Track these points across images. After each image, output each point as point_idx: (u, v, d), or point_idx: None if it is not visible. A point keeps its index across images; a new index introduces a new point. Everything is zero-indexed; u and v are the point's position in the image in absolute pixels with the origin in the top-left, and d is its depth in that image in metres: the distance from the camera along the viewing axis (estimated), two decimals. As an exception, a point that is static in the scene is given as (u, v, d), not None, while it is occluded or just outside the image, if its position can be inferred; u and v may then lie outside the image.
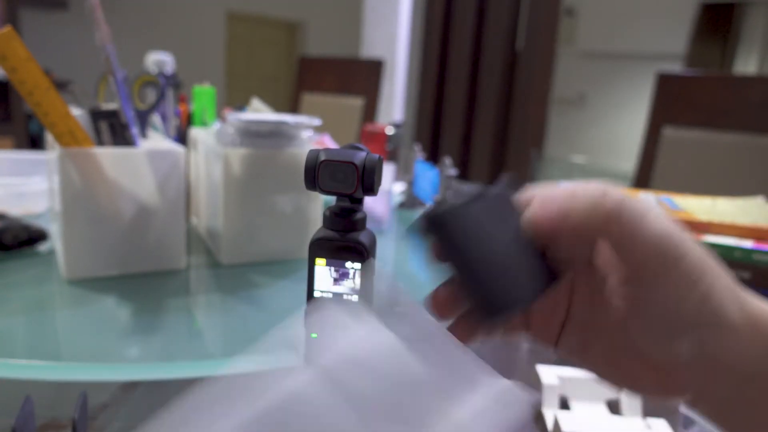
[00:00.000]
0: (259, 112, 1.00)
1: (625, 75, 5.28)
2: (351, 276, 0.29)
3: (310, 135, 0.71)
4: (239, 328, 0.53)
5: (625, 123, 5.19)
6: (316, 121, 0.70)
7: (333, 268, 0.29)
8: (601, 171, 3.57)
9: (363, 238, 0.29)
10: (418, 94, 2.86)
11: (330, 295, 0.30)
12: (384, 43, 3.04)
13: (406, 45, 3.03)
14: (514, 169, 2.54)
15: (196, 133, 0.80)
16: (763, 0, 4.47)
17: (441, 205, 0.24)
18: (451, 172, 0.90)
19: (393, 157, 1.17)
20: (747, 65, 4.85)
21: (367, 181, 0.28)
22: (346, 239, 0.29)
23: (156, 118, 0.81)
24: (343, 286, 0.30)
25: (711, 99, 1.23)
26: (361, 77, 1.88)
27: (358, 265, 0.29)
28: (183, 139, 0.84)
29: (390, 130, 1.15)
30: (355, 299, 0.29)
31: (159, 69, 0.85)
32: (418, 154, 1.09)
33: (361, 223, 0.29)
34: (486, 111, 2.60)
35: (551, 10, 2.40)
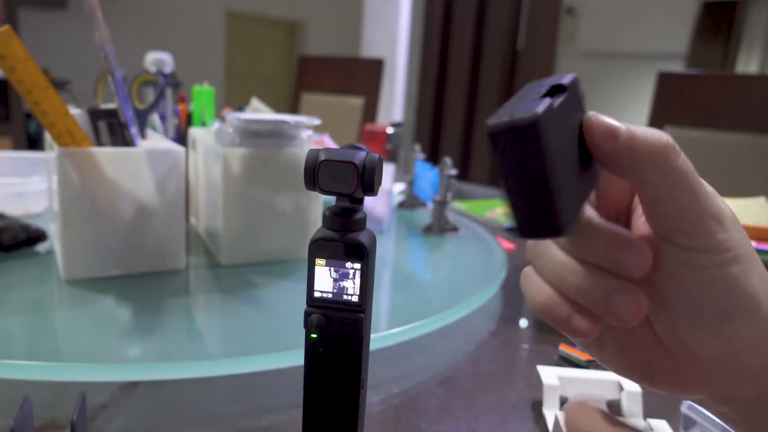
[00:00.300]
0: (258, 111, 1.00)
1: (625, 75, 5.28)
2: (351, 276, 0.29)
3: (310, 135, 0.71)
4: (239, 328, 0.53)
5: (626, 123, 5.19)
6: (316, 120, 0.70)
7: (333, 268, 0.29)
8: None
9: (363, 238, 0.29)
10: (418, 94, 2.86)
11: (330, 296, 0.30)
12: (384, 43, 3.04)
13: (406, 45, 3.03)
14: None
15: (195, 132, 0.80)
16: None
17: (524, 105, 0.22)
18: (451, 172, 0.89)
19: (393, 157, 1.17)
20: (748, 64, 4.85)
21: (367, 181, 0.28)
22: (346, 239, 0.29)
23: (155, 118, 0.81)
24: (343, 286, 0.29)
25: (712, 99, 1.23)
26: (361, 77, 1.88)
27: (358, 265, 0.29)
28: (182, 139, 0.84)
29: (390, 130, 1.15)
30: (355, 299, 0.29)
31: (158, 68, 0.85)
32: (418, 154, 1.08)
33: (361, 223, 0.29)
34: (486, 111, 2.60)
35: (552, 10, 2.40)
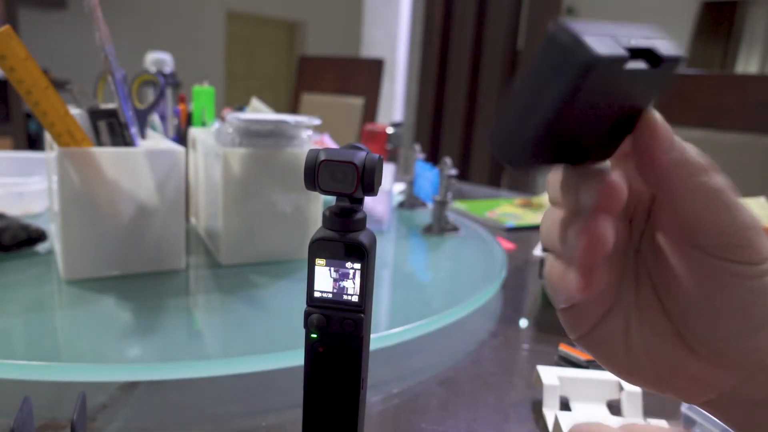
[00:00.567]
0: (258, 111, 1.00)
1: (625, 75, 5.28)
2: (351, 276, 0.29)
3: (310, 135, 0.71)
4: (239, 328, 0.53)
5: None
6: (316, 120, 0.70)
7: (333, 268, 0.29)
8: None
9: (363, 238, 0.29)
10: (418, 94, 2.86)
11: (330, 296, 0.30)
12: (384, 43, 3.04)
13: (406, 45, 3.03)
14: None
15: (195, 132, 0.80)
16: None
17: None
18: (451, 172, 0.89)
19: (393, 157, 1.17)
20: (748, 64, 4.85)
21: (367, 181, 0.28)
22: (346, 239, 0.29)
23: (155, 118, 0.81)
24: (343, 286, 0.29)
25: (712, 98, 1.23)
26: (361, 77, 1.88)
27: (358, 265, 0.29)
28: (182, 139, 0.84)
29: (390, 130, 1.15)
30: (355, 299, 0.29)
31: (158, 68, 0.85)
32: (418, 154, 1.08)
33: (361, 223, 0.29)
34: (486, 111, 2.60)
35: (552, 10, 2.40)
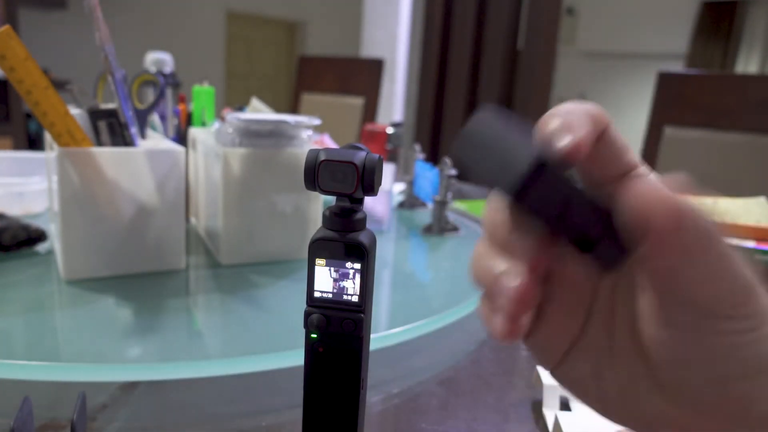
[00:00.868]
0: (258, 111, 1.00)
1: (625, 75, 5.28)
2: (351, 276, 0.29)
3: (310, 135, 0.71)
4: (239, 329, 0.53)
5: (626, 123, 5.19)
6: (316, 120, 0.70)
7: (333, 268, 0.29)
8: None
9: (363, 238, 0.29)
10: (418, 94, 2.86)
11: (330, 296, 0.29)
12: (384, 43, 3.04)
13: (406, 45, 3.03)
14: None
15: (195, 132, 0.80)
16: None
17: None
18: (451, 172, 0.89)
19: (393, 157, 1.17)
20: (748, 64, 4.85)
21: (367, 181, 0.28)
22: (346, 239, 0.29)
23: (155, 118, 0.81)
24: (343, 286, 0.29)
25: (712, 98, 1.23)
26: (361, 77, 1.88)
27: (358, 265, 0.29)
28: (182, 138, 0.84)
29: (390, 130, 1.15)
30: (355, 299, 0.29)
31: (158, 68, 0.85)
32: (418, 154, 1.08)
33: (361, 223, 0.29)
34: (486, 111, 2.60)
35: (552, 10, 2.40)
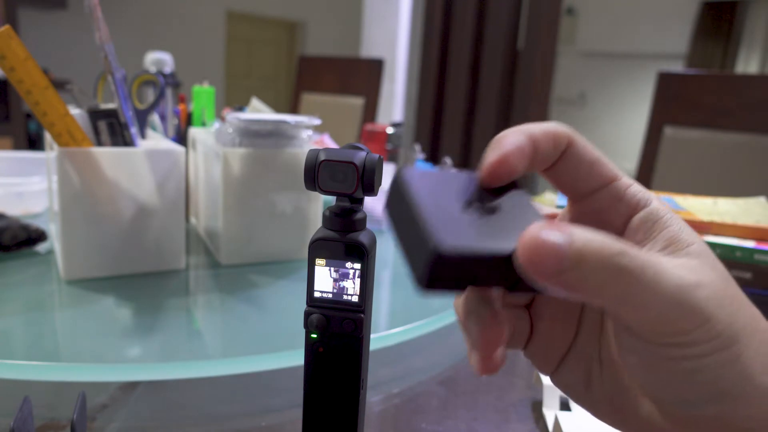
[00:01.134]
0: (258, 111, 1.00)
1: (625, 75, 5.28)
2: (351, 276, 0.29)
3: (310, 135, 0.71)
4: (239, 328, 0.53)
5: (626, 123, 5.19)
6: (316, 120, 0.70)
7: (333, 268, 0.29)
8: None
9: (363, 238, 0.29)
10: (418, 94, 2.86)
11: (330, 296, 0.29)
12: (384, 43, 3.04)
13: (406, 45, 3.03)
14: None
15: (195, 132, 0.80)
16: None
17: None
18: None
19: (393, 157, 1.17)
20: (748, 64, 4.85)
21: (367, 181, 0.28)
22: (346, 239, 0.29)
23: (155, 118, 0.81)
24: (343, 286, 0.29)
25: (712, 98, 1.23)
26: (361, 77, 1.88)
27: (358, 265, 0.29)
28: (182, 139, 0.84)
29: (390, 130, 1.15)
30: (355, 299, 0.29)
31: (158, 68, 0.85)
32: (418, 154, 1.08)
33: (361, 223, 0.29)
34: (486, 111, 2.60)
35: (552, 10, 2.40)
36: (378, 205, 0.92)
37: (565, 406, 0.44)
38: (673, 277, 0.19)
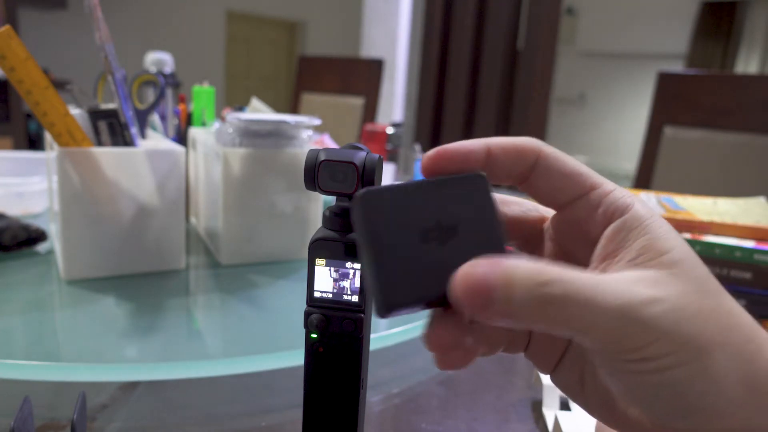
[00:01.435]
0: (258, 111, 1.00)
1: (625, 75, 5.28)
2: (351, 276, 0.29)
3: (310, 135, 0.71)
4: (239, 328, 0.53)
5: (626, 123, 5.19)
6: (316, 120, 0.70)
7: (333, 268, 0.29)
8: (601, 171, 3.57)
9: (363, 238, 0.29)
10: (418, 94, 2.86)
11: (330, 296, 0.30)
12: (384, 43, 3.04)
13: (406, 45, 3.03)
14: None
15: (195, 132, 0.80)
16: None
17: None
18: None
19: (393, 157, 1.17)
20: (748, 64, 4.85)
21: (367, 181, 0.28)
22: (346, 239, 0.29)
23: (155, 118, 0.81)
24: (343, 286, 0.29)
25: (712, 98, 1.23)
26: (361, 77, 1.88)
27: (358, 265, 0.29)
28: (182, 139, 0.84)
29: (390, 130, 1.15)
30: (355, 299, 0.29)
31: (158, 68, 0.85)
32: (418, 154, 1.08)
33: (361, 224, 0.29)
34: (486, 111, 2.60)
35: (552, 9, 2.40)
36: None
37: (564, 406, 0.44)
38: (615, 296, 0.19)
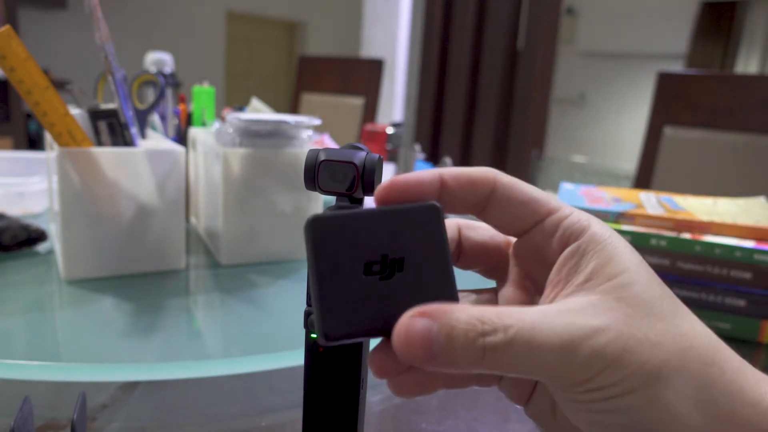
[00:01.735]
0: (258, 111, 1.00)
1: (625, 75, 5.28)
2: (351, 276, 0.29)
3: (310, 135, 0.71)
4: (239, 328, 0.53)
5: (626, 123, 5.19)
6: (316, 121, 0.70)
7: (333, 269, 0.29)
8: (601, 171, 3.57)
9: (363, 238, 0.29)
10: (418, 94, 2.86)
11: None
12: (384, 43, 3.04)
13: (406, 45, 3.03)
14: (514, 169, 2.54)
15: (195, 133, 0.80)
16: None
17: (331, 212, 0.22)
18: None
19: (393, 157, 1.17)
20: (748, 65, 4.84)
21: (367, 180, 0.27)
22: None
23: (155, 118, 0.81)
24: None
25: (712, 99, 1.23)
26: (361, 77, 1.88)
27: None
28: (182, 139, 0.84)
29: (390, 130, 1.15)
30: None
31: (158, 68, 0.85)
32: (418, 154, 1.08)
33: (360, 223, 0.29)
34: (486, 111, 2.60)
35: (552, 9, 2.40)
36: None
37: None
38: (556, 334, 0.19)
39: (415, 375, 0.24)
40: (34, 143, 3.27)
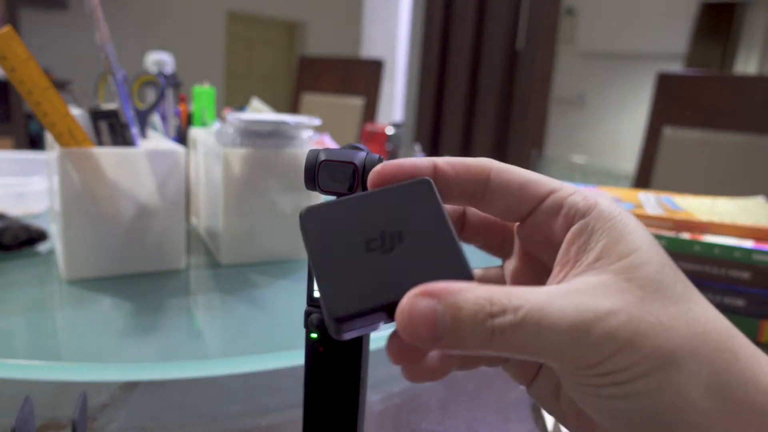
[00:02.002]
0: (259, 112, 1.00)
1: (625, 75, 5.28)
2: (351, 276, 0.29)
3: (310, 135, 0.71)
4: (239, 328, 0.53)
5: (625, 123, 5.19)
6: (316, 121, 0.70)
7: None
8: (600, 171, 3.57)
9: (363, 238, 0.29)
10: (418, 94, 2.86)
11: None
12: (384, 43, 3.04)
13: (406, 45, 3.03)
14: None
15: (195, 133, 0.80)
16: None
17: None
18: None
19: (393, 157, 1.17)
20: (747, 65, 4.85)
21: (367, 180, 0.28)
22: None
23: (156, 118, 0.81)
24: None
25: (711, 99, 1.23)
26: (361, 77, 1.88)
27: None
28: (183, 139, 0.84)
29: (390, 130, 1.15)
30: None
31: (159, 69, 0.85)
32: (418, 154, 1.09)
33: (360, 224, 0.29)
34: (486, 111, 2.60)
35: (552, 10, 2.40)
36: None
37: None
38: (566, 316, 0.19)
39: (430, 359, 0.23)
40: (35, 143, 3.28)
